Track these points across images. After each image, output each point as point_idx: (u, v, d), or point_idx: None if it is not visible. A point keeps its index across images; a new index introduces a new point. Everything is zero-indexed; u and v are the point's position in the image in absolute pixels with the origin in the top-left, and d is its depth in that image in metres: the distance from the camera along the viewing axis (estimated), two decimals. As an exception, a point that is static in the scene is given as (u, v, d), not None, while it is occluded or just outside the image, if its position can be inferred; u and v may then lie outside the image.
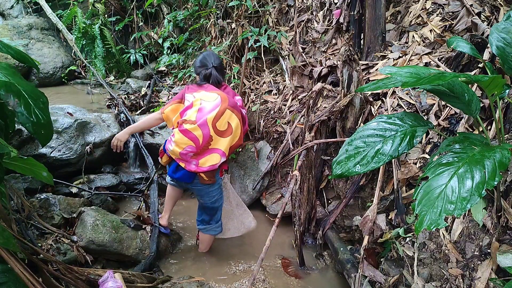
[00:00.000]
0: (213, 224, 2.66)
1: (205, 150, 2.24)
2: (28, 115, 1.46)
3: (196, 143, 2.19)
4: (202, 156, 2.25)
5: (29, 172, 1.90)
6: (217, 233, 2.73)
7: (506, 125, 2.08)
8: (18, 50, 1.78)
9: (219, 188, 2.55)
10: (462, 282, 1.77)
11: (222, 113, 2.23)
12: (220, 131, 2.24)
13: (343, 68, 2.71)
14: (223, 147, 2.26)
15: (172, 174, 2.39)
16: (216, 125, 2.22)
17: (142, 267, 2.43)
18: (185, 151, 2.21)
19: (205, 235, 2.74)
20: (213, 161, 2.26)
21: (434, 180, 1.29)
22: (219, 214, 2.68)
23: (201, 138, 2.19)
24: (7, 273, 1.46)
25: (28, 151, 3.00)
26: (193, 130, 2.18)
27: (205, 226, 2.67)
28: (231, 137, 2.27)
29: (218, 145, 2.26)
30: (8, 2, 6.98)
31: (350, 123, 2.84)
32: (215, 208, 2.61)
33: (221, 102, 2.25)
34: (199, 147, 2.20)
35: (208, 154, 2.25)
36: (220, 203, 2.64)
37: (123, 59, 6.02)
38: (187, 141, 2.19)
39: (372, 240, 2.35)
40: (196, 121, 2.19)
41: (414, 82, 1.34)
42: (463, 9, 2.88)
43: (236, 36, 4.23)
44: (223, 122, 2.24)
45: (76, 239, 2.39)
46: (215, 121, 2.21)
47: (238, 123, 2.29)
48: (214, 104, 2.24)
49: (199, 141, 2.19)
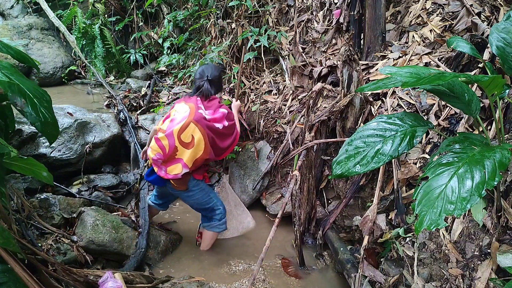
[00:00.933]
0: (216, 222, 2.69)
1: (172, 158, 2.39)
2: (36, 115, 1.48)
3: (163, 151, 2.38)
4: (170, 164, 2.40)
5: (29, 172, 1.90)
6: (221, 231, 2.75)
7: (506, 125, 2.08)
8: (18, 50, 1.78)
9: (201, 191, 2.58)
10: (462, 282, 1.77)
11: (187, 126, 2.36)
12: (184, 142, 2.37)
13: (343, 68, 2.71)
14: (185, 158, 2.37)
15: (147, 177, 2.57)
16: (181, 137, 2.36)
17: (134, 264, 2.41)
18: (155, 157, 2.40)
19: (208, 232, 2.76)
20: (177, 170, 2.39)
21: (434, 180, 1.29)
22: (219, 213, 2.69)
23: (168, 147, 2.37)
24: (7, 273, 1.46)
25: (28, 151, 3.00)
26: (162, 139, 2.39)
27: (208, 223, 2.72)
28: (193, 150, 2.37)
29: (182, 155, 2.38)
30: (8, 2, 6.99)
31: (350, 123, 2.84)
32: (207, 209, 2.66)
33: (189, 115, 2.39)
34: (166, 155, 2.38)
35: (174, 163, 2.39)
36: (212, 203, 2.65)
37: (123, 59, 6.02)
38: (157, 149, 2.39)
39: (372, 240, 2.35)
40: (165, 131, 2.39)
41: (414, 82, 1.34)
42: (463, 9, 2.88)
43: (236, 36, 4.23)
44: (187, 134, 2.37)
45: (76, 239, 2.39)
46: (180, 133, 2.36)
47: (200, 137, 2.37)
48: (183, 117, 2.40)
49: (166, 150, 2.37)
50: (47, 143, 3.07)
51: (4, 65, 1.53)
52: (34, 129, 3.06)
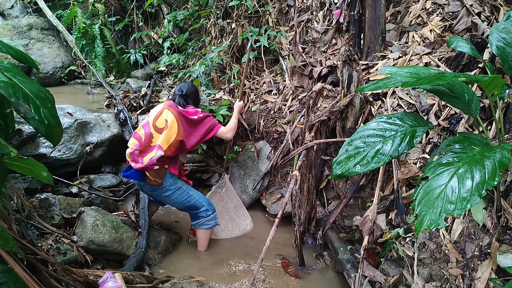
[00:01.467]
0: (203, 218, 2.73)
1: (148, 147, 2.52)
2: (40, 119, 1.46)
3: (139, 141, 2.52)
4: (146, 154, 2.51)
5: (29, 172, 1.90)
6: (211, 227, 2.78)
7: (506, 125, 2.08)
8: (18, 50, 1.77)
9: (178, 190, 2.66)
10: (462, 282, 1.77)
11: (161, 113, 2.57)
12: (158, 128, 2.54)
13: (343, 68, 2.71)
14: (159, 141, 2.50)
15: (123, 173, 2.65)
16: (156, 124, 2.55)
17: (134, 264, 2.41)
18: (132, 150, 2.51)
19: (199, 231, 2.79)
20: (151, 155, 2.48)
21: (434, 180, 1.29)
22: (204, 209, 2.73)
23: (143, 136, 2.53)
24: (7, 273, 1.46)
25: (28, 151, 2.99)
26: (138, 131, 2.58)
27: (196, 221, 2.76)
28: (167, 132, 2.50)
29: (157, 141, 2.51)
30: (8, 2, 6.98)
31: (350, 123, 2.84)
32: (190, 207, 2.72)
33: (163, 105, 2.62)
34: (142, 144, 2.51)
35: (150, 151, 2.51)
36: (193, 201, 2.70)
37: (123, 59, 6.02)
38: (134, 141, 2.53)
39: (372, 240, 2.35)
40: (142, 124, 2.60)
41: (414, 82, 1.34)
42: (463, 9, 2.88)
43: (236, 36, 4.23)
44: (161, 120, 2.55)
45: (76, 239, 2.39)
46: (155, 120, 2.56)
47: (173, 119, 2.52)
48: (157, 109, 2.65)
49: (142, 139, 2.52)
50: (47, 143, 3.08)
51: (7, 66, 1.51)
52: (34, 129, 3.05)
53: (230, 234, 3.12)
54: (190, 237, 2.98)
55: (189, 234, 2.99)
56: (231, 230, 3.15)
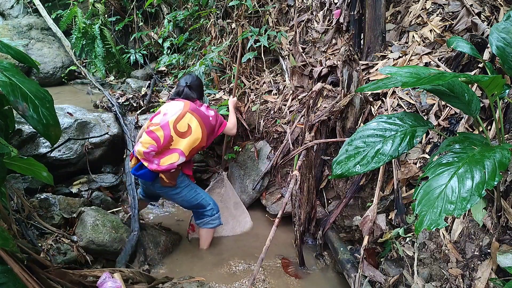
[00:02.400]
0: (208, 218, 2.72)
1: (166, 149, 2.42)
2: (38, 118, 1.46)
3: (157, 142, 2.39)
4: (163, 156, 2.41)
5: (29, 172, 1.90)
6: (215, 226, 2.77)
7: (506, 125, 2.08)
8: (18, 50, 1.78)
9: (187, 188, 2.62)
10: (462, 282, 1.77)
11: (183, 116, 2.45)
12: (180, 132, 2.43)
13: (343, 68, 2.71)
14: (182, 147, 2.42)
15: (135, 172, 2.50)
16: (177, 127, 2.43)
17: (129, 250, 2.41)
18: (148, 150, 2.38)
19: (202, 230, 2.78)
20: (172, 160, 2.40)
21: (434, 180, 1.29)
22: (210, 208, 2.72)
23: (162, 138, 2.39)
24: (6, 274, 1.46)
25: (28, 151, 3.00)
26: (156, 131, 2.41)
27: (201, 220, 2.75)
28: (191, 138, 2.44)
29: (178, 145, 2.42)
30: (8, 2, 6.98)
31: (350, 123, 2.84)
32: (196, 205, 2.70)
33: (183, 107, 2.50)
34: (160, 146, 2.39)
35: (169, 154, 2.41)
36: (200, 199, 2.68)
37: (123, 59, 6.02)
38: (150, 141, 2.39)
39: (372, 240, 2.35)
40: (159, 123, 2.45)
41: (414, 82, 1.34)
42: (463, 9, 2.88)
43: (236, 36, 4.23)
44: (183, 124, 2.44)
45: (76, 239, 2.39)
46: (176, 123, 2.43)
47: (197, 124, 2.46)
48: (177, 109, 2.49)
49: (160, 141, 2.39)
50: (47, 143, 3.08)
51: (6, 66, 1.51)
52: (34, 129, 3.05)
53: (231, 232, 3.12)
54: (189, 233, 2.99)
55: (188, 230, 3.00)
56: (233, 227, 3.15)
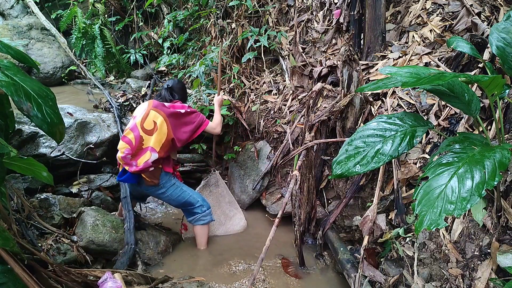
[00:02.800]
0: (199, 214, 2.75)
1: (139, 150, 2.51)
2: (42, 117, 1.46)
3: (130, 145, 2.49)
4: (139, 156, 2.50)
5: (29, 172, 1.90)
6: (207, 222, 2.79)
7: (506, 125, 2.08)
8: (18, 50, 1.77)
9: (173, 186, 2.68)
10: (462, 282, 1.77)
11: (147, 114, 2.54)
12: (147, 130, 2.52)
13: (343, 68, 2.71)
14: (151, 143, 2.50)
15: (119, 178, 2.63)
16: (144, 126, 2.52)
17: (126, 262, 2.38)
18: (124, 154, 2.49)
19: (196, 228, 2.80)
20: (146, 158, 2.48)
21: (434, 180, 1.29)
22: (199, 205, 2.74)
23: (134, 139, 2.50)
24: (6, 274, 1.46)
25: (28, 151, 3.00)
26: (127, 134, 2.52)
27: (192, 217, 2.78)
28: (158, 133, 2.50)
29: (148, 143, 2.51)
30: (8, 2, 6.98)
31: (350, 123, 2.84)
32: (185, 203, 2.74)
33: (147, 106, 2.59)
34: (134, 148, 2.49)
35: (143, 154, 2.50)
36: (187, 197, 2.72)
37: (123, 59, 6.02)
38: (124, 145, 2.50)
39: (372, 240, 2.35)
40: (130, 127, 2.56)
41: (414, 82, 1.34)
42: (463, 9, 2.88)
43: (236, 36, 4.23)
44: (149, 121, 2.53)
45: (76, 239, 2.39)
46: (142, 122, 2.53)
47: (162, 120, 2.52)
48: (143, 109, 2.59)
49: (133, 143, 2.49)
50: (47, 143, 3.08)
51: (7, 65, 1.51)
52: (34, 129, 3.06)
53: (225, 231, 3.12)
54: (182, 232, 3.02)
55: (180, 229, 3.02)
56: (226, 226, 3.15)
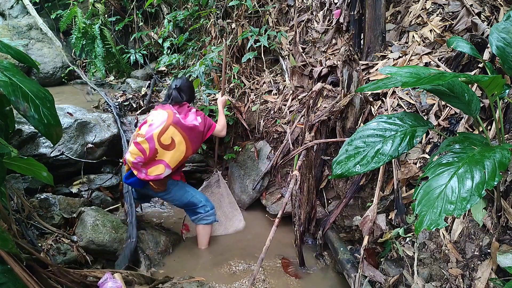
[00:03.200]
0: (202, 214, 2.76)
1: (152, 160, 2.50)
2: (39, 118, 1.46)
3: (144, 154, 2.48)
4: (150, 166, 2.51)
5: (29, 172, 1.90)
6: (210, 222, 2.81)
7: (506, 125, 2.08)
8: (18, 50, 1.78)
9: (177, 188, 2.71)
10: (462, 282, 1.77)
11: (166, 129, 2.51)
12: (164, 145, 2.50)
13: (343, 68, 2.71)
14: (167, 159, 2.50)
15: (125, 180, 2.65)
16: (161, 140, 2.49)
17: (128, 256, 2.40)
18: (135, 161, 2.50)
19: (198, 227, 2.81)
20: (158, 171, 2.50)
21: (434, 180, 1.29)
22: (202, 205, 2.76)
23: (148, 150, 2.48)
24: (6, 274, 1.46)
25: (28, 151, 2.99)
26: (142, 143, 2.49)
27: (195, 216, 2.79)
28: (175, 152, 2.52)
29: (163, 157, 2.50)
30: (8, 2, 6.98)
31: (350, 123, 2.84)
32: (188, 203, 2.76)
33: (167, 119, 2.55)
34: (146, 158, 2.48)
35: (155, 165, 2.50)
36: (190, 197, 2.74)
37: (123, 59, 6.02)
38: (138, 152, 2.49)
39: (372, 240, 2.35)
40: (145, 135, 2.51)
41: (414, 82, 1.34)
42: (463, 9, 2.88)
43: (236, 36, 4.23)
44: (167, 137, 2.51)
45: (76, 239, 2.39)
46: (159, 136, 2.49)
47: (181, 139, 2.53)
48: (161, 121, 2.54)
49: (146, 153, 2.48)
50: (47, 143, 3.08)
51: (6, 66, 1.51)
52: (34, 129, 3.06)
53: (224, 231, 3.13)
54: (183, 232, 3.02)
55: (182, 229, 3.03)
56: (225, 227, 3.17)
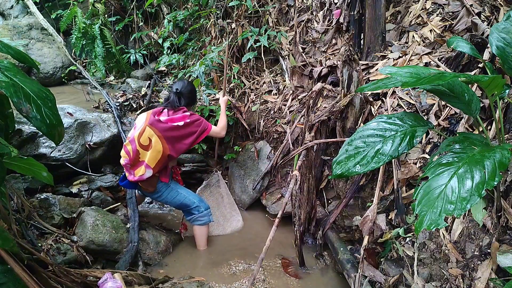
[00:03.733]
0: (197, 214, 2.77)
1: (136, 162, 2.60)
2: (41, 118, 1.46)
3: (129, 155, 2.60)
4: (136, 167, 2.60)
5: (29, 172, 1.89)
6: (205, 223, 2.81)
7: (506, 125, 2.08)
8: (18, 50, 1.77)
9: (168, 190, 2.73)
10: (462, 282, 1.77)
11: (144, 130, 2.58)
12: (143, 145, 2.57)
13: (343, 68, 2.71)
14: (146, 159, 2.55)
15: (120, 182, 2.79)
16: (140, 140, 2.58)
17: (129, 259, 2.41)
18: (124, 163, 2.63)
19: (194, 228, 2.82)
20: (141, 172, 2.56)
21: (434, 180, 1.29)
22: (196, 206, 2.77)
23: (131, 152, 2.59)
24: (6, 274, 1.46)
25: (28, 151, 2.99)
26: (127, 145, 2.63)
27: (190, 217, 2.81)
28: (152, 151, 2.55)
29: (144, 157, 2.58)
30: (8, 2, 6.98)
31: (350, 123, 2.84)
32: (182, 205, 2.78)
33: (145, 120, 2.63)
34: (131, 159, 2.59)
35: (139, 166, 2.58)
36: (183, 199, 2.76)
37: (123, 59, 6.02)
38: (125, 155, 2.62)
39: (372, 240, 2.35)
40: (129, 138, 2.64)
41: (414, 82, 1.34)
42: (463, 9, 2.88)
43: (236, 36, 4.23)
44: (144, 137, 2.57)
45: (76, 239, 2.39)
46: (139, 137, 2.58)
47: (157, 139, 2.55)
48: (141, 123, 2.64)
49: (131, 154, 2.59)
50: (47, 143, 3.08)
51: (7, 66, 1.51)
52: (34, 129, 3.05)
53: (222, 232, 3.14)
54: (182, 231, 3.04)
55: (180, 228, 3.04)
56: (223, 227, 3.17)
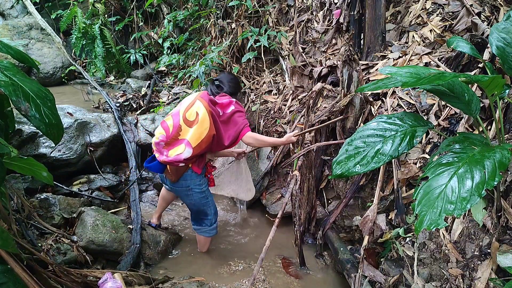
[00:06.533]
0: (206, 227, 2.66)
1: (174, 140, 2.32)
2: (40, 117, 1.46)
3: (167, 132, 2.33)
4: (172, 147, 2.33)
5: (29, 172, 1.89)
6: (211, 235, 2.72)
7: (506, 125, 2.08)
8: (18, 50, 1.77)
9: (199, 193, 2.51)
10: (462, 282, 1.77)
11: (193, 103, 2.34)
12: (189, 121, 2.32)
13: (343, 68, 2.71)
14: (189, 136, 2.29)
15: (146, 163, 2.48)
16: (186, 115, 2.33)
17: (130, 261, 2.40)
18: (158, 140, 2.34)
19: (199, 236, 2.76)
20: (179, 150, 2.29)
21: (434, 180, 1.29)
22: (210, 218, 2.64)
23: (171, 127, 2.32)
24: (6, 274, 1.46)
25: (28, 151, 3.00)
26: (166, 120, 2.36)
27: (198, 227, 2.69)
28: (198, 127, 2.28)
29: (185, 135, 2.31)
30: (8, 2, 6.99)
31: (350, 123, 2.84)
32: (201, 211, 2.60)
33: (196, 95, 2.40)
34: (169, 136, 2.32)
35: (177, 145, 2.31)
36: (205, 207, 2.58)
37: (123, 59, 6.02)
38: (161, 131, 2.34)
39: (372, 240, 2.35)
40: (172, 113, 2.39)
41: (414, 82, 1.34)
42: (463, 9, 2.88)
43: (236, 36, 4.23)
44: (192, 112, 2.32)
45: (76, 239, 2.39)
46: (185, 111, 2.34)
47: (205, 112, 2.29)
48: (190, 99, 2.41)
49: (170, 130, 2.32)
50: (47, 143, 3.08)
51: (7, 65, 1.51)
52: (34, 129, 3.06)
53: (227, 194, 3.12)
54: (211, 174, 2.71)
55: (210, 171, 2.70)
56: (230, 193, 3.11)
